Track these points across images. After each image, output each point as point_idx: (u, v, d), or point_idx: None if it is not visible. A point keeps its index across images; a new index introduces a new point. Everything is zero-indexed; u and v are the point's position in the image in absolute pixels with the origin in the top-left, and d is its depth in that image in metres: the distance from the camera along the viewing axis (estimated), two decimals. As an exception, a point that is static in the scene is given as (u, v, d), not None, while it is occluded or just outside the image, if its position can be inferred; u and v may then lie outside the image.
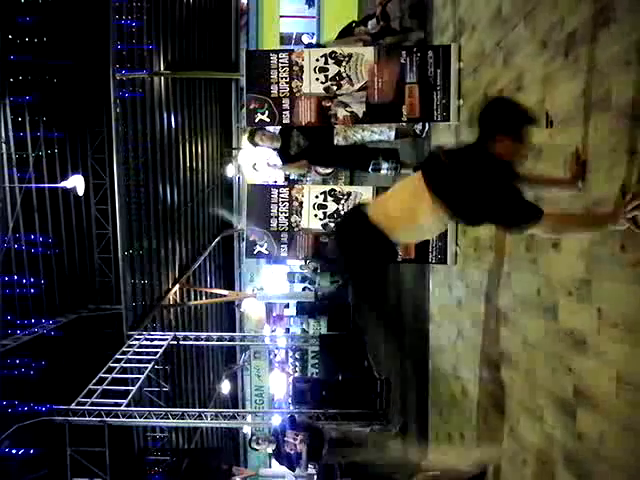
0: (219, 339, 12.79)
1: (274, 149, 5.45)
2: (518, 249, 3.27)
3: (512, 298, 3.36)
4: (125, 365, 10.37)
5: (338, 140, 5.24)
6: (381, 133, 5.28)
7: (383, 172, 5.46)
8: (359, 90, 4.60)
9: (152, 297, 13.72)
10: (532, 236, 3.01)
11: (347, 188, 4.93)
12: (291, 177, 12.12)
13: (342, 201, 4.76)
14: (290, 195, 4.81)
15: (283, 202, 4.83)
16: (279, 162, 5.67)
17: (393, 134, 5.32)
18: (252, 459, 18.38)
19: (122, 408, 8.85)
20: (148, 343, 11.12)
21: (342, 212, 4.73)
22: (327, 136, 5.22)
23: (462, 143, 3.20)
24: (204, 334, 12.84)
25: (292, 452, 6.08)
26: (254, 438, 6.55)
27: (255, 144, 5.37)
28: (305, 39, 12.17)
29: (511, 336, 3.37)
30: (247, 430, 13.98)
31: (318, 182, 11.09)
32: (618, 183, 2.25)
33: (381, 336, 9.01)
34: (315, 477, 8.40)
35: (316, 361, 13.84)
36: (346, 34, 5.97)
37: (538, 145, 2.94)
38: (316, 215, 4.77)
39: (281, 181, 13.24)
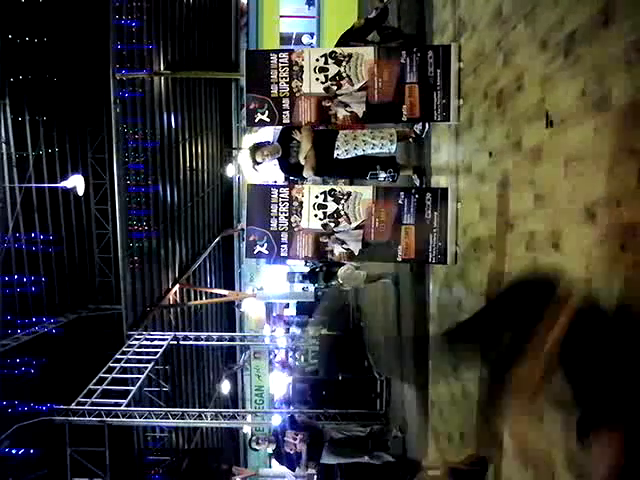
0: (219, 339, 12.81)
1: (277, 159, 5.38)
2: (518, 248, 3.27)
3: (512, 298, 3.35)
4: (125, 365, 10.38)
5: (338, 154, 5.17)
6: (382, 147, 5.18)
7: (381, 180, 5.41)
8: (359, 90, 4.59)
9: (152, 297, 13.72)
10: (532, 235, 3.01)
11: (347, 188, 4.90)
12: (291, 177, 12.09)
13: (342, 201, 4.75)
14: (290, 195, 4.80)
15: (283, 202, 4.82)
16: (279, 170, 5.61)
17: (394, 147, 5.21)
18: (252, 459, 18.40)
19: (122, 408, 8.86)
20: (148, 343, 11.14)
21: (342, 212, 4.70)
22: (327, 149, 5.16)
23: None
24: (204, 334, 12.87)
25: (292, 452, 6.08)
26: (254, 438, 6.57)
27: (258, 163, 5.28)
28: (305, 39, 12.16)
29: (511, 336, 3.37)
30: (247, 430, 13.99)
31: (318, 182, 11.10)
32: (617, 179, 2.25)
33: (381, 336, 9.00)
34: (315, 477, 8.39)
35: (316, 361, 13.83)
36: (349, 38, 5.84)
37: (538, 145, 2.94)
38: (316, 215, 4.75)
39: (281, 181, 13.24)
